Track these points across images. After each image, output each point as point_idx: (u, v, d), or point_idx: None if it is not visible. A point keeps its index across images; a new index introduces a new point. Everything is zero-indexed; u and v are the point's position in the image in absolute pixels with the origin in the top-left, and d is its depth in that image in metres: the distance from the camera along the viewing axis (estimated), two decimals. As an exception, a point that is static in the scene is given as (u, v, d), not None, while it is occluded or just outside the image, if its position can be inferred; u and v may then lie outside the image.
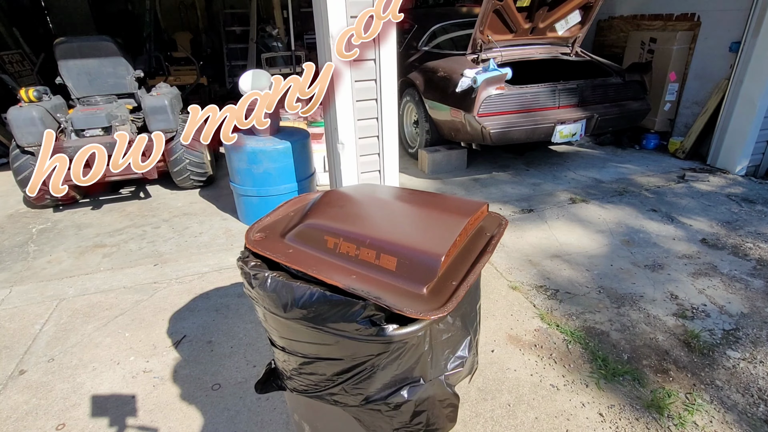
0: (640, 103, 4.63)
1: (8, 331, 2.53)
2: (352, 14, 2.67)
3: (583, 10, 4.54)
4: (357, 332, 1.03)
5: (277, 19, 7.72)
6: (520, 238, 3.38)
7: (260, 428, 1.89)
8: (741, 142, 4.47)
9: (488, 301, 2.66)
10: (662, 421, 1.89)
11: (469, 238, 1.32)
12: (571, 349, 2.30)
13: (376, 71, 2.88)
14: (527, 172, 4.79)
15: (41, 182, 1.17)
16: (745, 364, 2.18)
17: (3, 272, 3.14)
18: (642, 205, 3.88)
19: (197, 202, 4.27)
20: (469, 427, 1.88)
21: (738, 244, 3.23)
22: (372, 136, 3.07)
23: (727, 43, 4.69)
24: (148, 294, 2.81)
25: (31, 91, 3.84)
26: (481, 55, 4.43)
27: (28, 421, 1.95)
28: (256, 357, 2.28)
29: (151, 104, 3.99)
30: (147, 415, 1.96)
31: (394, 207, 1.50)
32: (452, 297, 1.06)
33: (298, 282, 1.11)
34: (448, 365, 1.22)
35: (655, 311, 2.56)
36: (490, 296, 2.72)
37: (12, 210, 4.23)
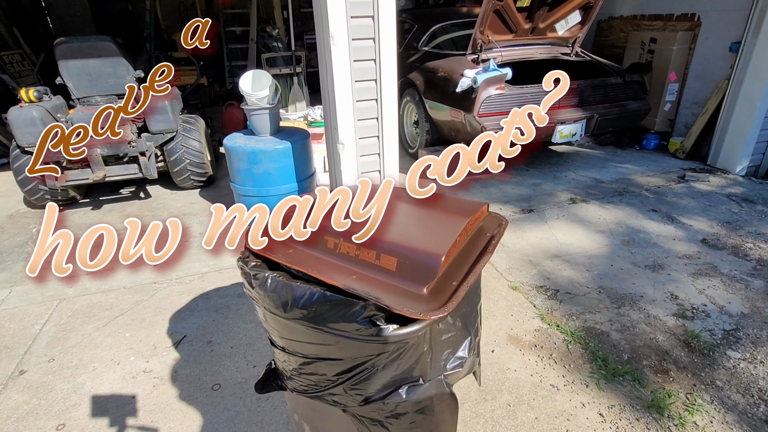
0: (640, 104, 4.63)
1: (8, 331, 2.53)
2: (353, 14, 2.68)
3: (583, 11, 4.54)
4: (357, 332, 1.03)
5: (278, 20, 7.72)
6: (520, 238, 3.38)
7: (260, 428, 1.89)
8: (741, 142, 4.47)
9: (488, 301, 2.66)
10: (662, 421, 1.89)
11: (470, 239, 1.31)
12: (571, 349, 2.30)
13: (376, 71, 2.88)
14: (527, 172, 4.79)
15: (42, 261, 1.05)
16: (746, 365, 2.18)
17: (3, 272, 3.14)
18: (642, 206, 3.88)
19: (197, 203, 4.27)
20: (469, 427, 1.88)
21: (738, 244, 3.22)
22: (372, 136, 3.07)
23: (727, 44, 4.69)
24: (148, 294, 2.81)
25: (32, 92, 3.84)
26: (482, 56, 4.43)
27: (29, 421, 1.95)
28: (256, 357, 2.28)
29: (152, 104, 3.98)
30: (147, 415, 1.96)
31: (395, 207, 1.50)
32: (452, 297, 1.06)
33: (298, 282, 1.11)
34: (447, 365, 1.22)
35: (655, 311, 2.56)
36: (491, 296, 2.72)
37: (12, 210, 4.23)
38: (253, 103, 3.43)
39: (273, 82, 3.52)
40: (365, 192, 1.12)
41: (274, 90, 3.56)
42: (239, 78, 3.47)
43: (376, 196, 1.12)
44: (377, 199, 1.12)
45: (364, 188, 1.13)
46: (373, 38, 2.79)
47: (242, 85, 3.43)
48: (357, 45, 2.77)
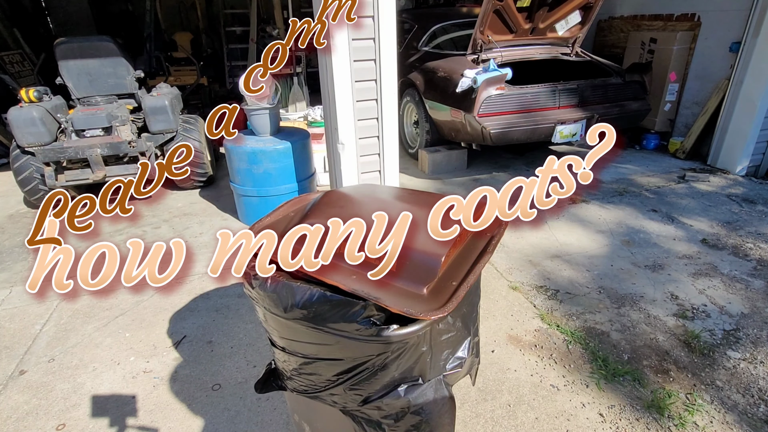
0: (641, 104, 4.63)
1: (8, 331, 2.53)
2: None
3: (584, 11, 4.54)
4: (357, 332, 1.03)
5: (278, 20, 7.72)
6: (520, 238, 3.38)
7: (260, 428, 1.89)
8: (741, 142, 4.46)
9: (488, 301, 2.66)
10: (662, 421, 1.89)
11: (470, 239, 1.31)
12: (571, 349, 2.30)
13: (377, 71, 2.88)
14: (527, 173, 4.77)
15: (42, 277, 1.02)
16: (746, 365, 2.18)
17: (3, 272, 3.14)
18: (642, 206, 3.88)
19: (197, 203, 4.27)
20: (469, 428, 1.88)
21: (738, 245, 3.22)
22: (372, 136, 3.07)
23: (728, 44, 4.69)
24: (148, 294, 2.81)
25: (32, 92, 3.84)
26: (482, 56, 4.43)
27: (29, 421, 1.95)
28: (257, 357, 2.28)
29: (152, 104, 3.99)
30: (147, 415, 1.96)
31: (395, 207, 1.49)
32: (452, 297, 1.06)
33: (299, 282, 1.11)
34: (446, 366, 1.22)
35: (655, 311, 2.56)
36: (491, 296, 2.72)
37: (12, 210, 4.23)
38: (253, 103, 3.44)
39: (273, 83, 3.52)
40: (381, 226, 1.09)
41: (274, 90, 3.56)
42: (239, 78, 3.47)
43: (393, 230, 1.08)
44: (394, 233, 1.08)
45: (380, 222, 1.09)
46: (373, 38, 2.79)
47: (242, 86, 3.43)
48: (357, 45, 2.77)
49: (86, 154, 3.79)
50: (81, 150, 3.78)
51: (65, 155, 3.78)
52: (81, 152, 3.78)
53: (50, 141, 3.75)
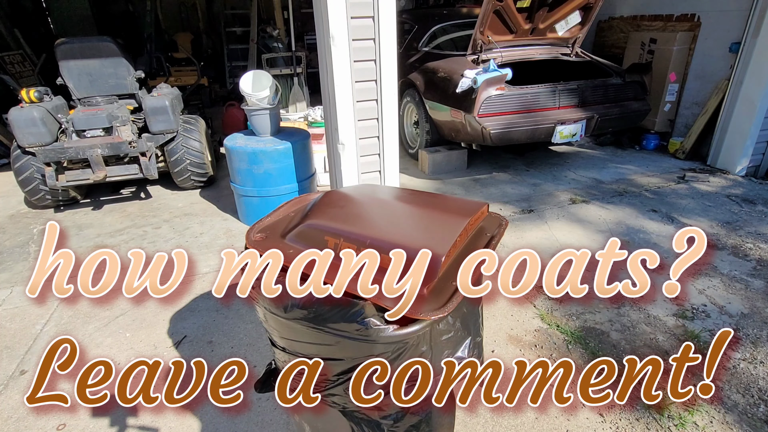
0: (640, 104, 4.63)
1: (9, 331, 2.53)
2: (353, 15, 2.68)
3: (583, 11, 4.54)
4: (357, 332, 1.03)
5: (278, 20, 7.72)
6: (520, 238, 3.39)
7: (260, 428, 1.90)
8: (741, 142, 4.47)
9: (488, 301, 2.67)
10: (662, 421, 1.89)
11: (470, 239, 1.32)
12: (571, 349, 2.30)
13: (377, 72, 2.88)
14: (527, 173, 4.79)
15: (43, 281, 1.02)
16: (746, 365, 2.18)
17: (4, 272, 3.14)
18: (642, 206, 3.88)
19: (198, 203, 4.27)
20: (469, 428, 1.89)
21: (738, 245, 3.23)
22: (372, 136, 3.07)
23: (727, 44, 4.69)
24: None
25: (32, 92, 3.85)
26: (482, 56, 4.43)
27: (29, 421, 1.95)
28: (257, 357, 2.28)
29: (152, 105, 3.99)
30: (147, 415, 1.97)
31: (395, 207, 1.50)
32: (452, 297, 1.06)
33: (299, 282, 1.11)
34: (448, 365, 1.22)
35: (655, 311, 2.56)
36: (491, 297, 2.72)
37: (13, 210, 4.23)
38: (253, 104, 3.44)
39: (273, 83, 3.52)
40: (399, 264, 1.04)
41: (275, 90, 3.56)
42: (240, 78, 3.48)
43: (411, 269, 1.03)
44: (412, 272, 1.03)
45: (398, 260, 1.04)
46: (373, 39, 2.80)
47: (243, 86, 3.44)
48: (357, 45, 2.77)
49: (87, 154, 3.80)
50: (82, 150, 3.78)
51: (66, 155, 3.78)
52: (82, 152, 3.79)
53: (51, 141, 3.76)
